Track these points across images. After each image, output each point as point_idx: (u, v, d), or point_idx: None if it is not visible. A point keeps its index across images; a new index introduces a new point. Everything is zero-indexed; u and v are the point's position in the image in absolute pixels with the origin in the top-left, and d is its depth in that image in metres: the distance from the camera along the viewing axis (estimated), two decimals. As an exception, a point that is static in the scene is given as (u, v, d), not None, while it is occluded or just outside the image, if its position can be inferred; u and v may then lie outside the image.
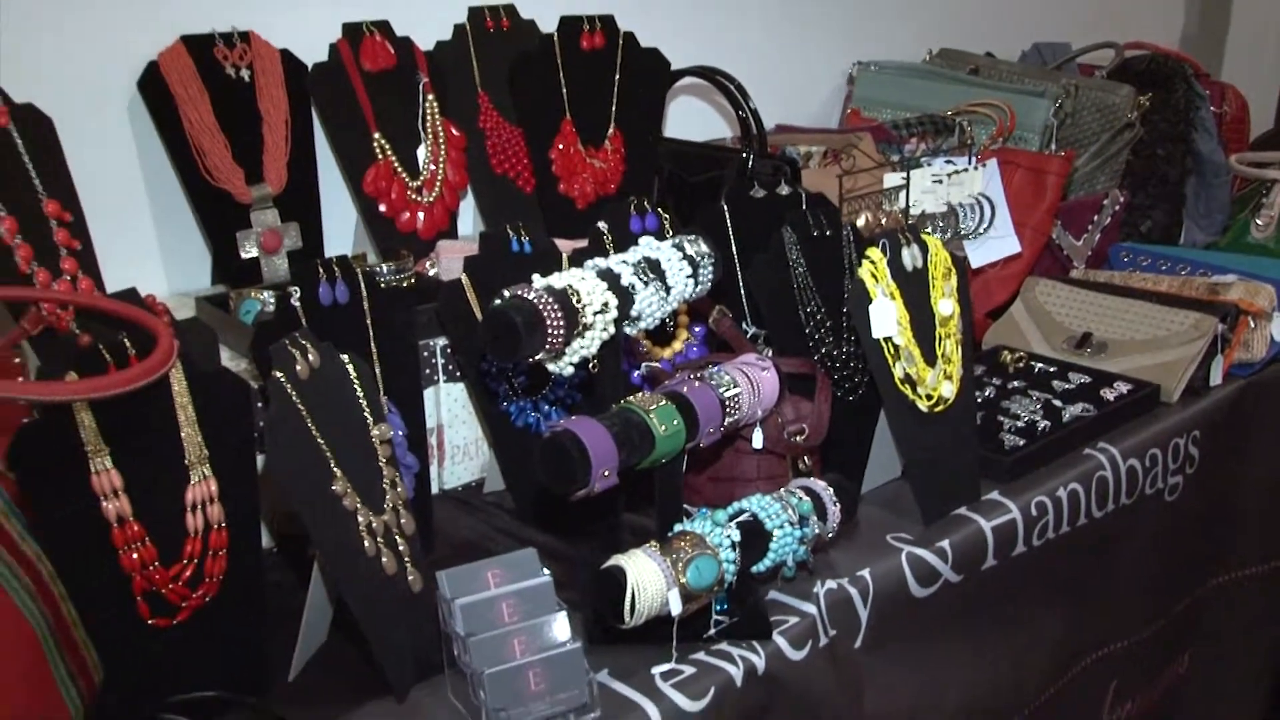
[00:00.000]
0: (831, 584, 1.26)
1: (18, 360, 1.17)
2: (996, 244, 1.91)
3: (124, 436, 1.00)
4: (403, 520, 1.12)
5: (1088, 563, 1.61)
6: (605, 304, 1.11)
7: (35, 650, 0.98)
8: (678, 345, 1.52)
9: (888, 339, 1.36)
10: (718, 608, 1.16)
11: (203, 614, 1.06)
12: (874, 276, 1.36)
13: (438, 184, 1.69)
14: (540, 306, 1.05)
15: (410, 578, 1.10)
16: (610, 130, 1.83)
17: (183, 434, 1.03)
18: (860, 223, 1.71)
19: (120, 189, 1.55)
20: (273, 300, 1.42)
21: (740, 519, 1.14)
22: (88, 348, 1.00)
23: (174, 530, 1.03)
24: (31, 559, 1.00)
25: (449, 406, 1.47)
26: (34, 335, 1.19)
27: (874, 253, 1.37)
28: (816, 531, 1.20)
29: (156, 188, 1.58)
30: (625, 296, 1.14)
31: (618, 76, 1.82)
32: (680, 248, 1.21)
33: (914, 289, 1.40)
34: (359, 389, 1.13)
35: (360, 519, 1.06)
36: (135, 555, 1.01)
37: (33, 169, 1.31)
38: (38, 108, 1.34)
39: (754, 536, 1.14)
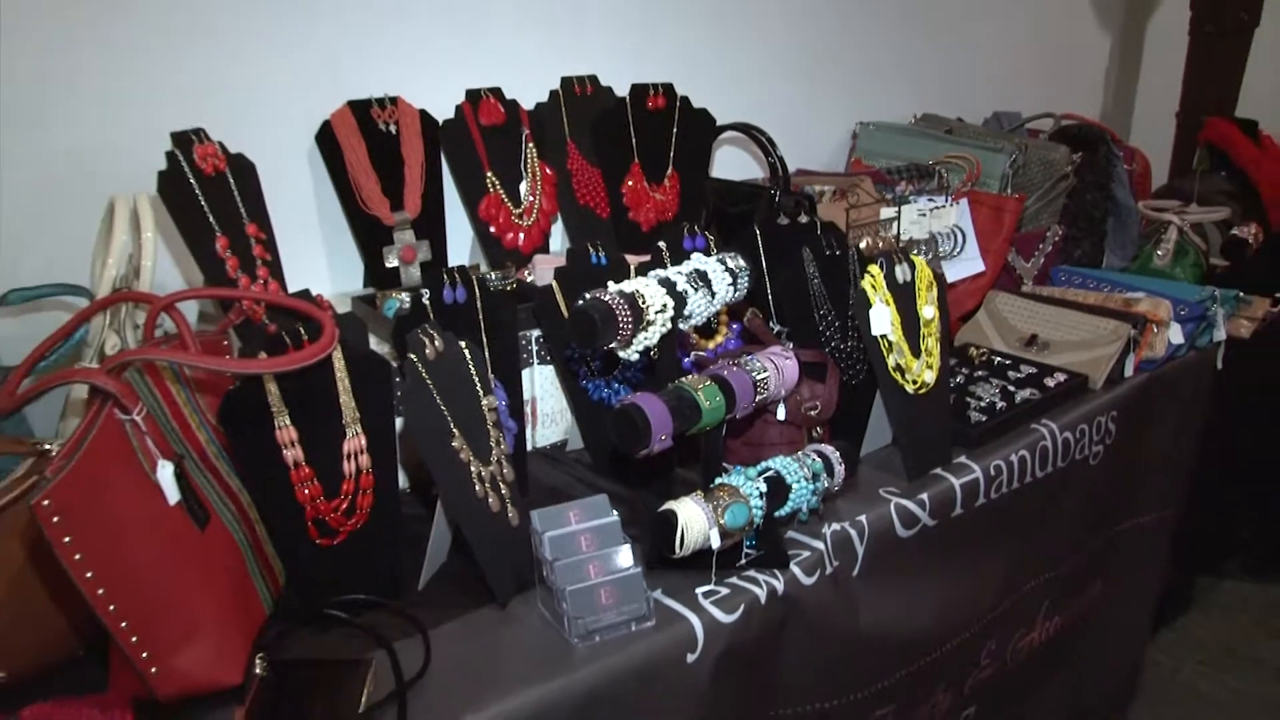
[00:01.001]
0: (836, 526, 1.21)
1: (225, 343, 1.16)
2: (966, 264, 1.85)
3: (299, 401, 0.99)
4: (505, 470, 1.09)
5: (1031, 512, 1.55)
6: (664, 305, 1.07)
7: (239, 560, 0.99)
8: (719, 338, 1.47)
9: (883, 336, 1.31)
10: (748, 543, 1.12)
11: (355, 537, 1.04)
12: (873, 287, 1.31)
13: (535, 211, 1.65)
14: (613, 306, 1.03)
15: (510, 514, 1.07)
16: (669, 171, 1.78)
17: (341, 400, 1.01)
18: (862, 245, 1.64)
19: (299, 214, 1.53)
20: (409, 299, 1.38)
21: (766, 475, 1.10)
22: (274, 334, 0.99)
23: (334, 473, 1.02)
24: (236, 491, 1.01)
25: (541, 383, 1.43)
26: (237, 325, 1.20)
27: (873, 269, 1.33)
28: (825, 485, 1.16)
29: (325, 213, 1.56)
30: (680, 300, 1.10)
31: (675, 130, 1.77)
32: (723, 262, 1.17)
33: (904, 298, 1.35)
34: (473, 368, 1.10)
35: (473, 469, 1.03)
36: (306, 491, 1.00)
37: (239, 200, 1.30)
38: (245, 156, 1.33)
39: (777, 488, 1.10)
